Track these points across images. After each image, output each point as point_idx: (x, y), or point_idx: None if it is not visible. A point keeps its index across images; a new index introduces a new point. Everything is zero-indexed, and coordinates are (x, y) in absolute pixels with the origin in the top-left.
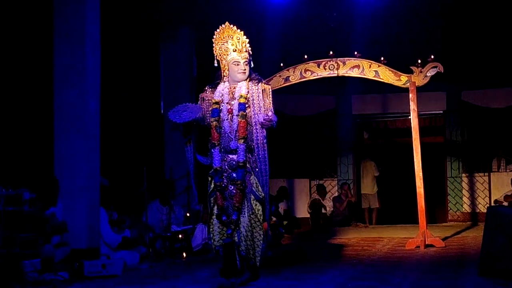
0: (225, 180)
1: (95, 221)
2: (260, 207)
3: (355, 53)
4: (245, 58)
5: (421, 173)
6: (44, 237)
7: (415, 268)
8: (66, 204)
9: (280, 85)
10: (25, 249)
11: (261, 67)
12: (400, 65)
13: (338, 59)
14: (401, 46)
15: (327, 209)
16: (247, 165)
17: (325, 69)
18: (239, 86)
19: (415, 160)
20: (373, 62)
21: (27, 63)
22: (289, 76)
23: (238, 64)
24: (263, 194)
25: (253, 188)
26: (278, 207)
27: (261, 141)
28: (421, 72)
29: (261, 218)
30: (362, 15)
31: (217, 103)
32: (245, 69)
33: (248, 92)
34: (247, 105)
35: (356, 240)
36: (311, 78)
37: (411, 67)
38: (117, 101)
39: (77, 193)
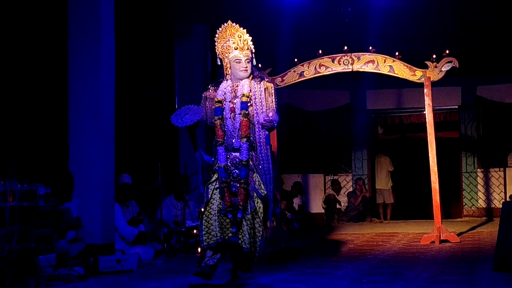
0: (228, 177)
1: (110, 217)
2: (261, 205)
3: (370, 48)
4: (247, 56)
5: (436, 168)
6: (58, 232)
7: (430, 264)
8: (81, 199)
9: (295, 80)
10: (40, 245)
11: (275, 62)
12: (415, 60)
13: (353, 54)
14: (416, 41)
15: (342, 204)
16: (250, 162)
17: (339, 64)
18: (241, 84)
19: (430, 155)
20: (388, 57)
21: (41, 59)
22: (303, 71)
23: (239, 62)
24: (265, 192)
25: (256, 186)
26: (293, 202)
27: (263, 140)
28: (436, 67)
29: (262, 216)
30: (376, 10)
31: (220, 101)
32: (246, 67)
33: (250, 90)
34: (249, 104)
35: (370, 236)
36: (326, 73)
37: (426, 62)
38: (132, 97)
39: (92, 188)
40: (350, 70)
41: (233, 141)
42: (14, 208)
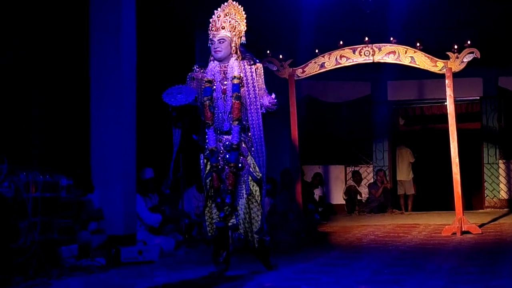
0: (221, 162)
1: (132, 207)
2: (257, 188)
3: (391, 39)
4: (221, 36)
5: (457, 160)
6: (80, 223)
7: (452, 255)
8: (102, 190)
9: (315, 71)
10: (62, 235)
11: (296, 53)
12: (436, 51)
13: (374, 45)
14: (437, 31)
15: (363, 195)
16: (243, 145)
17: (360, 55)
18: (230, 66)
19: (451, 146)
20: (409, 48)
21: (63, 51)
22: (324, 62)
23: (213, 43)
24: (260, 175)
25: (251, 169)
26: (314, 194)
27: (256, 122)
28: (457, 57)
29: (259, 199)
30: (397, 0)
31: (210, 81)
32: (218, 48)
33: (241, 72)
34: (241, 85)
35: (392, 227)
36: (347, 64)
37: (447, 53)
38: (153, 88)
39: (114, 179)
40: (371, 61)
41: (224, 124)
42: (37, 199)
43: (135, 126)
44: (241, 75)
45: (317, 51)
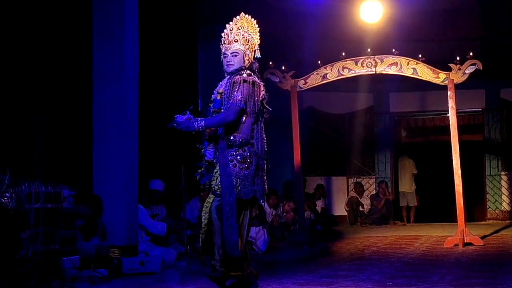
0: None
1: (134, 218)
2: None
3: (393, 50)
4: (234, 49)
5: (459, 171)
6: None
7: (454, 267)
8: (105, 201)
9: (318, 82)
10: (64, 246)
11: (299, 65)
12: (439, 62)
13: (376, 56)
14: (439, 43)
15: (365, 207)
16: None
17: (362, 66)
18: (227, 79)
19: (453, 158)
20: (411, 59)
21: (66, 62)
22: (326, 74)
23: (226, 57)
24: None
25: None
26: (316, 205)
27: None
28: (459, 69)
29: (216, 213)
30: (400, 12)
31: (220, 93)
32: (231, 61)
33: (225, 87)
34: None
35: (394, 238)
36: (349, 75)
37: (449, 65)
38: (155, 98)
39: (116, 191)
40: (373, 72)
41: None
42: (39, 210)
43: (138, 138)
44: (222, 90)
45: (319, 62)
